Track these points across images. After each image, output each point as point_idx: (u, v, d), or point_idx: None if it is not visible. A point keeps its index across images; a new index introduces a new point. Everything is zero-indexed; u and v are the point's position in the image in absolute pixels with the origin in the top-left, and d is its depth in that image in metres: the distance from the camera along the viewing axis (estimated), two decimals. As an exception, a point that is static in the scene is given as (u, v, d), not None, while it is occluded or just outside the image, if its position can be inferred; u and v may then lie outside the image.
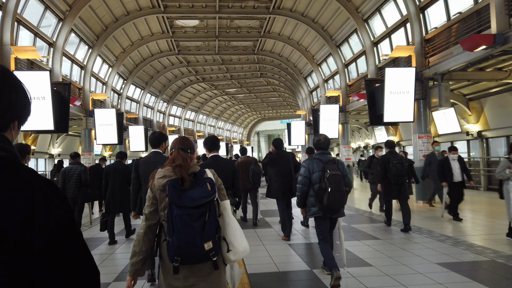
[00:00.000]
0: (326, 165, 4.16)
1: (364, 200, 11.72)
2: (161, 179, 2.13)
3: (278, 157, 6.55)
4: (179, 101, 33.65)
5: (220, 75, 30.24)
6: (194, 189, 2.04)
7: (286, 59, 24.47)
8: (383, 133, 22.94)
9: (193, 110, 37.39)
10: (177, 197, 1.99)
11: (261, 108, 46.81)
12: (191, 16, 18.26)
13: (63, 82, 12.48)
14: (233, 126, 51.10)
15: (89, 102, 16.96)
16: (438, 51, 11.11)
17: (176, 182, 2.06)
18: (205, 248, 1.97)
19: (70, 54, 15.95)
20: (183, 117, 35.25)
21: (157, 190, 2.14)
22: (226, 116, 46.11)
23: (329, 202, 4.04)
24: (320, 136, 4.50)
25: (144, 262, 2.15)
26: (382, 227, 7.49)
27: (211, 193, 2.04)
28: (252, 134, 59.71)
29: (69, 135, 22.63)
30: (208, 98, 37.26)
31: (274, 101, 42.13)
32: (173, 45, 22.27)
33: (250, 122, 56.51)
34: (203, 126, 40.79)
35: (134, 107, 26.20)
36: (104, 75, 20.18)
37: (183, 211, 1.96)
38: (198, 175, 2.16)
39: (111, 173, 6.52)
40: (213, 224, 2.03)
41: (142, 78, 25.51)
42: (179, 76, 28.91)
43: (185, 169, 2.13)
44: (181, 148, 2.24)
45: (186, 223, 1.95)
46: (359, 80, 17.15)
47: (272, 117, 55.49)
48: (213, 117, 43.06)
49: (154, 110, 29.31)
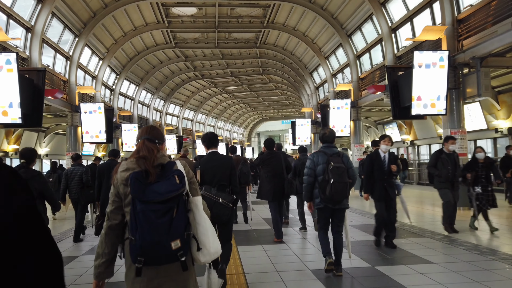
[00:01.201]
0: (331, 158, 4.29)
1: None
2: (124, 172, 1.97)
3: (269, 157, 6.37)
4: (177, 99, 32.06)
5: (220, 71, 28.65)
6: (160, 183, 1.87)
7: (290, 53, 22.87)
8: (395, 132, 21.30)
9: (192, 109, 35.79)
10: (140, 191, 1.83)
11: (262, 107, 45.22)
12: (188, 3, 16.68)
13: (36, 68, 10.88)
14: (233, 126, 49.50)
15: (75, 96, 15.37)
16: (473, 33, 9.51)
17: (140, 174, 1.89)
18: (172, 247, 1.79)
19: (53, 42, 14.36)
20: (181, 116, 33.64)
21: (120, 184, 1.97)
22: (226, 115, 44.50)
23: (331, 193, 4.18)
24: (326, 129, 4.64)
25: (108, 264, 1.99)
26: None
27: (180, 187, 1.87)
28: (252, 135, 58.15)
29: (58, 134, 21.00)
30: (207, 96, 35.67)
31: (276, 100, 40.55)
32: (170, 37, 20.67)
33: (250, 122, 54.92)
34: (202, 125, 39.18)
35: (128, 105, 24.61)
36: (93, 68, 18.58)
37: (147, 207, 1.79)
38: (166, 167, 1.97)
39: (105, 173, 6.18)
40: (182, 221, 1.85)
41: (136, 73, 23.90)
42: (177, 72, 27.31)
43: (150, 160, 1.95)
44: (147, 138, 2.06)
45: (150, 220, 1.78)
46: (373, 72, 15.56)
47: (273, 117, 53.99)
48: (213, 117, 41.45)
49: (150, 108, 27.72)
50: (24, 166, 4.27)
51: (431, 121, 17.66)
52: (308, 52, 21.32)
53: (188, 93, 32.62)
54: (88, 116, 14.88)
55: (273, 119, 54.98)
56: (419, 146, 19.83)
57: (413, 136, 19.55)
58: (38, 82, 9.55)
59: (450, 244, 5.78)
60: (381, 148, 5.77)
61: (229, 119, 46.15)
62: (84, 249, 6.30)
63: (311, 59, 21.97)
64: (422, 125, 18.50)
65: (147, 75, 24.82)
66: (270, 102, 41.62)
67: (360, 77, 16.47)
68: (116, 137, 20.80)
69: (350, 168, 4.36)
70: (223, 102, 39.60)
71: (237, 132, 51.77)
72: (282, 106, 44.42)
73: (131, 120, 23.94)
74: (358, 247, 5.81)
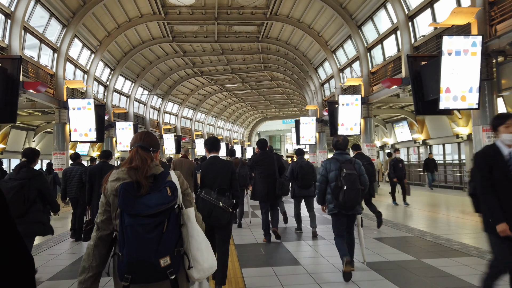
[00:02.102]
0: (343, 165, 4.34)
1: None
2: (114, 182, 1.86)
3: (262, 158, 6.34)
4: (175, 97, 30.86)
5: (220, 68, 27.46)
6: (151, 195, 1.75)
7: (294, 48, 21.67)
8: (406, 131, 20.12)
9: (191, 108, 34.60)
10: (129, 203, 1.71)
11: (264, 106, 44.03)
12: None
13: (10, 56, 9.68)
14: (234, 125, 48.30)
15: (63, 91, 14.18)
16: (509, 16, 8.32)
17: (130, 186, 1.78)
18: (160, 265, 1.68)
19: (38, 32, 13.17)
20: (180, 114, 32.45)
21: (110, 194, 1.86)
22: (226, 114, 43.30)
23: (345, 199, 4.23)
24: (338, 137, 4.65)
25: (94, 279, 1.84)
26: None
27: (171, 199, 1.75)
28: (253, 134, 56.95)
29: (48, 132, 19.78)
30: (207, 94, 34.47)
31: (277, 98, 39.37)
32: (167, 30, 19.47)
33: (251, 122, 53.73)
34: (202, 125, 37.98)
35: (123, 102, 23.42)
36: (85, 62, 17.39)
37: (135, 221, 1.69)
38: (158, 178, 1.85)
39: (96, 175, 5.87)
40: (172, 236, 1.74)
41: (132, 69, 22.71)
42: (175, 68, 26.12)
43: (142, 171, 1.83)
44: (141, 146, 1.93)
45: (138, 235, 1.67)
46: (385, 66, 14.37)
47: (274, 117, 52.83)
48: (212, 116, 40.26)
49: (147, 106, 26.53)
50: (25, 166, 4.28)
51: (445, 118, 16.48)
52: (313, 46, 20.12)
53: (187, 91, 31.43)
54: (76, 112, 13.68)
55: (274, 118, 53.81)
56: (431, 146, 18.64)
57: (426, 135, 18.37)
58: (12, 71, 8.36)
59: None
60: (503, 138, 2.95)
61: (229, 118, 44.96)
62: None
63: (317, 54, 20.77)
64: (436, 123, 17.33)
65: (143, 71, 23.63)
66: (271, 100, 40.43)
67: (371, 71, 15.28)
68: (110, 136, 19.66)
69: (362, 175, 4.40)
70: (223, 101, 38.41)
71: (237, 131, 50.58)
72: (284, 105, 43.24)
73: (126, 118, 22.75)
74: (394, 269, 4.65)
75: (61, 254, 6.05)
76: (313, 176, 6.91)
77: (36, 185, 4.20)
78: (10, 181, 4.15)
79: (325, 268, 4.89)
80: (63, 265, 5.32)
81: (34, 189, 4.19)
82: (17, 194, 4.06)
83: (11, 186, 4.08)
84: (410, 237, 6.47)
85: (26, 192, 4.12)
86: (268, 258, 5.38)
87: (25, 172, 4.21)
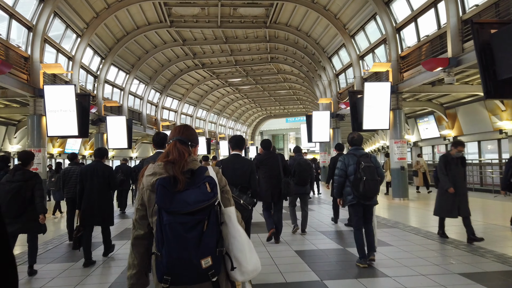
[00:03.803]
0: (360, 158, 4.72)
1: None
2: (150, 177, 1.75)
3: (266, 158, 6.21)
4: (175, 92, 28.71)
5: (223, 60, 25.29)
6: (189, 191, 1.66)
7: (305, 34, 19.46)
8: (432, 127, 17.90)
9: (191, 104, 32.43)
10: (167, 200, 1.61)
11: (268, 103, 41.86)
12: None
13: None
14: (236, 123, 46.12)
15: (39, 76, 12.01)
16: None
17: (167, 181, 1.67)
18: (202, 266, 1.59)
19: (6, 4, 11.01)
20: (180, 110, 30.30)
21: (146, 190, 1.75)
22: (228, 112, 41.12)
23: (365, 190, 4.55)
24: (354, 134, 5.03)
25: (139, 275, 1.80)
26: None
27: (211, 196, 1.65)
28: (256, 133, 54.81)
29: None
30: (208, 89, 32.31)
31: (283, 94, 37.21)
32: (164, 13, 17.30)
33: (254, 120, 51.54)
34: (203, 122, 35.81)
35: (117, 95, 21.27)
36: (69, 46, 15.23)
37: (174, 218, 1.58)
38: (196, 173, 1.76)
39: (88, 176, 5.43)
40: (213, 235, 1.63)
41: (126, 58, 20.54)
42: (174, 59, 23.94)
43: (179, 166, 1.73)
44: (180, 140, 1.86)
45: (178, 234, 1.57)
46: (419, 48, 12.18)
47: (279, 114, 50.73)
48: (214, 113, 38.09)
49: (144, 100, 24.37)
50: (20, 168, 4.62)
51: (484, 112, 14.29)
52: (328, 31, 17.92)
53: (187, 85, 29.27)
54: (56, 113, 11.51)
55: (278, 116, 51.71)
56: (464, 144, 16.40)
57: (458, 131, 16.15)
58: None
59: None
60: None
61: (232, 115, 42.78)
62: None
63: (332, 40, 18.56)
64: (472, 117, 15.13)
65: (139, 61, 21.45)
66: (276, 97, 38.27)
67: (401, 56, 13.08)
68: (100, 131, 17.51)
69: (378, 168, 4.75)
70: (226, 97, 36.24)
71: (240, 130, 48.41)
72: (289, 101, 41.09)
73: (120, 113, 20.59)
74: None
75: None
76: (310, 174, 7.08)
77: (32, 185, 4.54)
78: (8, 184, 4.49)
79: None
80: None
81: (30, 189, 4.52)
82: (15, 196, 4.43)
83: (8, 189, 4.45)
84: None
85: (23, 193, 4.46)
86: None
87: (20, 175, 4.55)
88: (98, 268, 5.20)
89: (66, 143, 22.01)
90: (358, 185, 4.57)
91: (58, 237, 7.54)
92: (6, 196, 4.39)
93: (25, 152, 4.79)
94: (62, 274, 4.90)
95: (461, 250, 5.49)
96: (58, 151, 21.01)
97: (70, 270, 5.11)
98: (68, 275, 4.88)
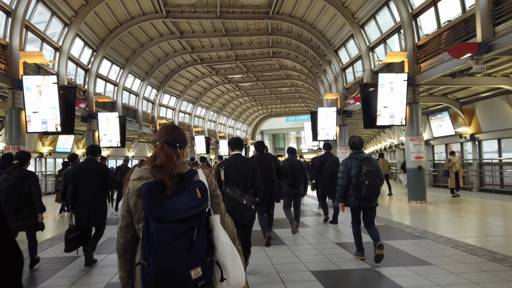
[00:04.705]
0: (362, 162, 4.86)
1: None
2: (137, 181, 1.63)
3: (259, 159, 5.97)
4: (172, 88, 27.55)
5: (223, 54, 24.14)
6: (178, 196, 1.54)
7: (310, 26, 18.29)
8: (446, 124, 16.72)
9: (190, 101, 31.26)
10: (155, 206, 1.49)
11: (269, 101, 40.72)
12: None
13: None
14: (237, 122, 44.95)
15: (19, 66, 10.86)
16: None
17: (155, 186, 1.56)
18: (191, 277, 1.47)
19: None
20: (178, 108, 29.14)
21: (131, 195, 1.65)
22: (228, 110, 39.97)
23: (367, 193, 4.74)
24: (355, 138, 5.17)
25: (130, 276, 1.71)
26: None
27: (202, 202, 1.53)
28: (257, 132, 53.66)
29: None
30: (208, 86, 31.14)
31: (284, 92, 36.10)
32: (159, 2, 16.15)
33: (255, 119, 50.39)
34: (202, 120, 34.65)
35: (110, 92, 20.10)
36: (56, 36, 14.07)
37: (162, 226, 1.47)
38: (185, 178, 1.63)
39: (81, 176, 5.18)
40: (203, 244, 1.52)
41: (120, 52, 19.37)
42: (171, 53, 22.78)
43: (167, 170, 1.61)
44: (167, 142, 1.74)
45: (166, 242, 1.45)
46: (439, 35, 11.03)
47: (280, 113, 49.61)
48: (214, 111, 36.93)
49: (139, 97, 23.20)
50: (17, 167, 4.75)
51: (507, 106, 13.13)
52: (335, 22, 16.75)
53: (186, 81, 28.12)
54: (34, 94, 10.35)
55: (279, 115, 50.58)
56: (481, 142, 15.27)
57: (475, 128, 14.98)
58: None
59: None
60: None
61: (232, 114, 41.61)
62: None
63: (338, 32, 17.39)
64: (492, 113, 13.97)
65: (133, 55, 20.28)
66: (277, 94, 37.14)
67: (417, 45, 11.92)
68: (91, 129, 16.37)
69: (378, 171, 4.91)
70: (226, 94, 35.08)
71: (240, 129, 47.27)
72: (291, 99, 39.95)
73: (114, 109, 19.45)
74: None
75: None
76: (302, 175, 7.09)
77: (28, 183, 4.69)
78: (5, 182, 4.66)
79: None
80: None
81: (27, 187, 4.68)
82: (12, 193, 4.59)
83: (5, 186, 4.62)
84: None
85: (19, 190, 4.63)
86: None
87: (17, 173, 4.72)
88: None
89: (57, 141, 20.84)
90: (360, 188, 4.79)
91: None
92: (3, 194, 4.56)
93: (23, 152, 5.04)
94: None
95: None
96: (48, 149, 19.83)
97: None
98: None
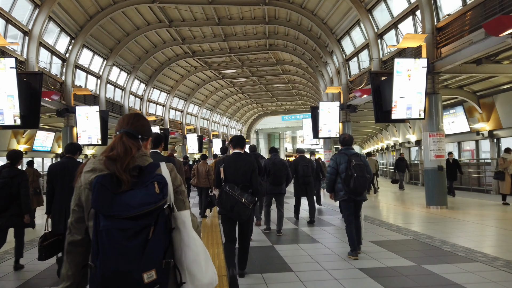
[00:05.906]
0: (351, 157, 5.05)
1: None
2: (89, 174, 1.47)
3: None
4: (162, 83, 25.90)
5: (216, 46, 22.52)
6: (134, 191, 1.37)
7: (311, 13, 16.75)
8: (460, 119, 15.28)
9: (182, 97, 29.59)
10: (106, 202, 1.33)
11: (265, 98, 39.16)
12: None
13: None
14: (231, 120, 43.34)
15: (-29, 48, 9.18)
16: None
17: (108, 179, 1.39)
18: (144, 280, 1.31)
19: None
20: (168, 105, 27.46)
21: (83, 189, 1.47)
22: (222, 107, 38.37)
23: (355, 186, 4.93)
24: (345, 135, 5.38)
25: (76, 278, 1.51)
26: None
27: (159, 198, 1.37)
28: (252, 131, 52.09)
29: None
30: (200, 82, 29.51)
31: (280, 89, 34.56)
32: (144, -16, 14.52)
33: (250, 117, 48.84)
34: (195, 118, 33.00)
35: (93, 84, 18.40)
36: (25, 19, 12.37)
37: (112, 224, 1.30)
38: (145, 171, 1.46)
39: (58, 176, 4.66)
40: (160, 245, 1.35)
41: (103, 41, 17.68)
42: (160, 45, 21.11)
43: (123, 163, 1.43)
44: (127, 132, 1.54)
45: (116, 242, 1.29)
46: (463, 14, 9.53)
47: (275, 111, 48.15)
48: (207, 108, 35.30)
49: (126, 91, 21.52)
50: (8, 166, 4.88)
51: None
52: (339, 7, 15.22)
53: (177, 76, 26.46)
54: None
55: (275, 113, 49.10)
56: (500, 139, 13.81)
57: (495, 123, 13.52)
58: None
59: None
60: None
61: (226, 112, 40.00)
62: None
63: (342, 18, 15.86)
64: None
65: (118, 45, 18.59)
66: (273, 91, 35.59)
67: (437, 27, 10.41)
68: (69, 124, 14.70)
69: (367, 166, 5.10)
70: (219, 91, 33.46)
71: (234, 127, 45.68)
72: (287, 97, 38.41)
73: (97, 103, 17.77)
74: None
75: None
76: (285, 173, 7.06)
77: (17, 183, 4.76)
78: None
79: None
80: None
81: (16, 186, 4.74)
82: (1, 191, 4.66)
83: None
84: None
85: (7, 189, 4.69)
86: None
87: (7, 172, 4.79)
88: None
89: (35, 139, 19.13)
90: (349, 181, 4.94)
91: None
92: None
93: (14, 151, 5.14)
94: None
95: None
96: (24, 148, 18.12)
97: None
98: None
